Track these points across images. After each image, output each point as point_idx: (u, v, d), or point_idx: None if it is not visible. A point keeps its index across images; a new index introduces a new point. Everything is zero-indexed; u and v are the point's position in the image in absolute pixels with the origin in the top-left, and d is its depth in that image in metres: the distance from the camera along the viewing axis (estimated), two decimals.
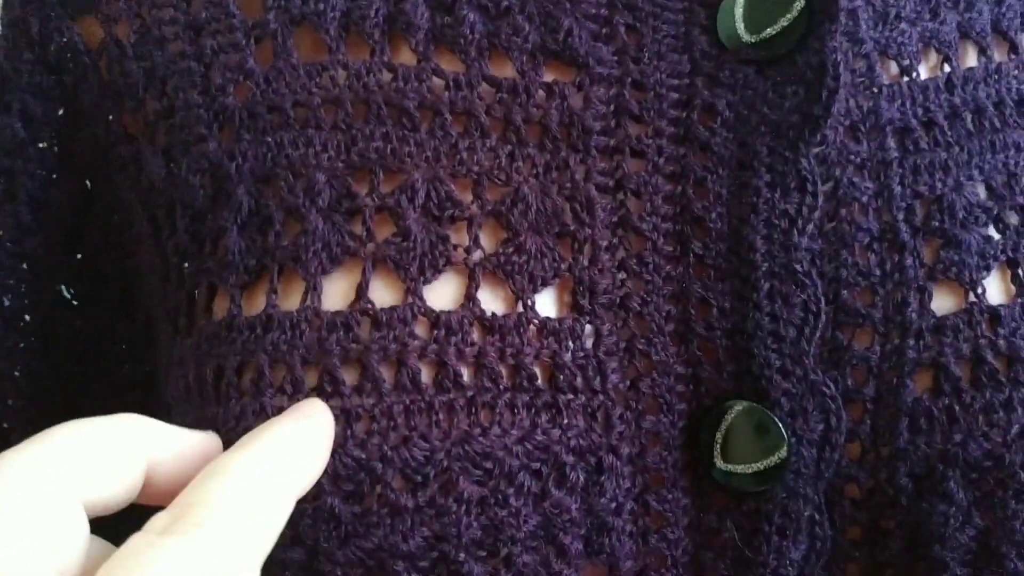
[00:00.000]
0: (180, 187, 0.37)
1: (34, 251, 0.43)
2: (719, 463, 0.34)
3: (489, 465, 0.31)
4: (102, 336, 0.45)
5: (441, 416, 0.31)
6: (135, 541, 0.25)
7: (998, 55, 0.38)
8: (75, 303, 0.45)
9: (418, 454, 0.31)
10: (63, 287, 0.45)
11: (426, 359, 0.32)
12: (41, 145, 0.42)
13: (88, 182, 0.43)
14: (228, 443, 0.32)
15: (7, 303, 0.43)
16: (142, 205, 0.39)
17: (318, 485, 0.31)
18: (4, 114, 0.41)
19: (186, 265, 0.37)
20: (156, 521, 0.25)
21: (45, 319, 0.44)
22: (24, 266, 0.43)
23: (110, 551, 0.25)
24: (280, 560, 0.32)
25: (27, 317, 0.44)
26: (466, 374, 0.32)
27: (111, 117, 0.40)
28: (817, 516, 0.34)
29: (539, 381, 0.32)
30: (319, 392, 0.32)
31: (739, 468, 0.34)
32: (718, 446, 0.34)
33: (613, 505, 0.33)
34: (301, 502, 0.31)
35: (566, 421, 0.32)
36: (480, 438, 0.31)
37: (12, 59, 0.41)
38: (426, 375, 0.32)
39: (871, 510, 0.34)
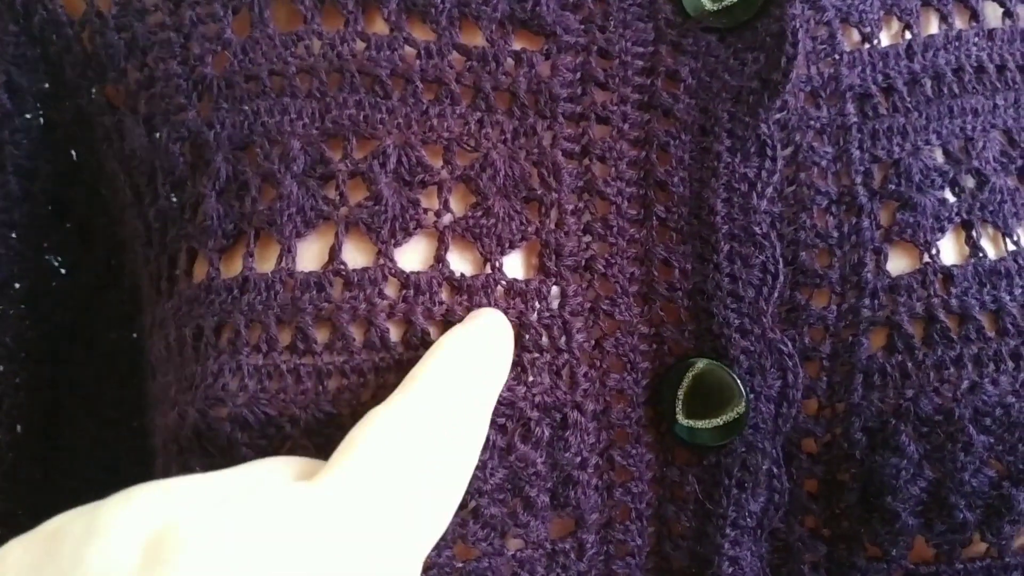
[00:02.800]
0: (161, 155, 0.38)
1: (22, 220, 0.44)
2: (681, 419, 0.35)
3: None
4: (89, 303, 0.46)
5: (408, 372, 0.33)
6: (376, 411, 0.29)
7: (959, 22, 0.39)
8: (63, 271, 0.46)
9: None
10: (51, 256, 0.46)
11: (395, 318, 0.33)
12: (27, 116, 0.43)
13: (74, 152, 0.44)
14: (207, 399, 0.33)
15: None
16: (125, 173, 0.40)
17: (292, 439, 0.32)
18: None
19: (167, 231, 0.38)
20: (397, 396, 0.29)
21: (33, 287, 0.45)
22: (12, 235, 0.44)
23: None
24: None
25: (16, 285, 0.45)
26: (433, 332, 0.33)
27: (94, 88, 0.41)
28: (775, 470, 0.35)
29: None
30: (292, 350, 0.33)
31: (700, 424, 0.35)
32: (680, 403, 0.35)
33: (578, 459, 0.34)
34: (275, 455, 0.32)
35: (531, 378, 0.33)
36: None
37: None
38: (395, 334, 0.33)
39: (827, 464, 0.35)
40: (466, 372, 0.30)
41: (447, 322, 0.33)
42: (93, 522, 0.24)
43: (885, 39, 0.38)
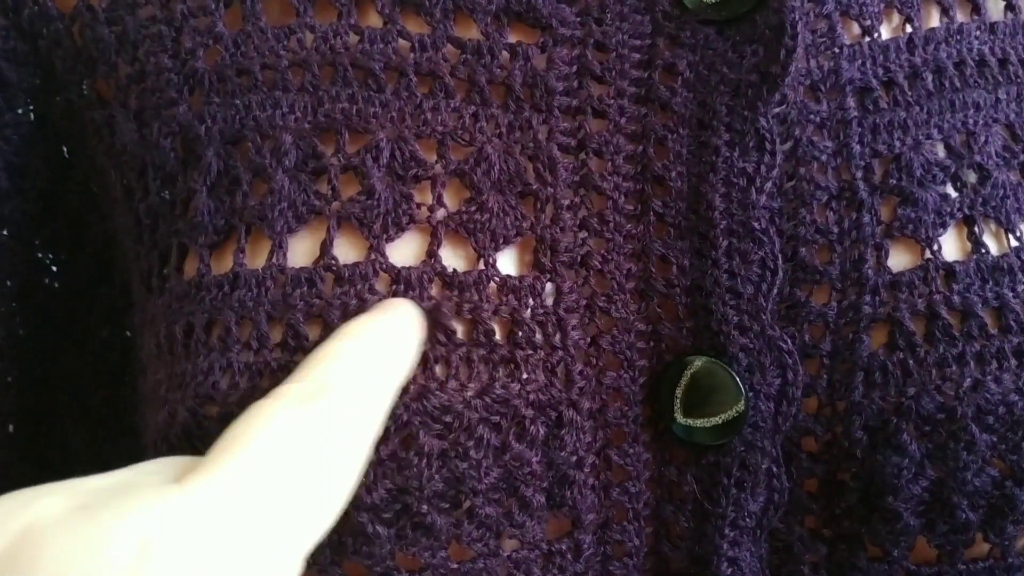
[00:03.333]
0: (151, 150, 0.37)
1: (12, 216, 0.43)
2: (679, 418, 0.34)
3: (448, 419, 0.32)
4: (81, 300, 0.46)
5: None
6: (265, 405, 0.27)
7: (960, 15, 0.38)
8: (54, 268, 0.46)
9: None
10: (42, 253, 0.45)
11: None
12: (17, 111, 0.42)
13: (64, 148, 0.43)
14: (197, 397, 0.33)
15: None
16: (115, 169, 0.40)
17: None
18: None
19: (158, 227, 0.38)
20: (287, 391, 0.28)
21: (24, 284, 0.45)
22: (3, 232, 0.44)
23: None
24: None
25: (7, 282, 0.45)
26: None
27: (84, 82, 0.40)
28: (775, 469, 0.35)
29: (497, 336, 0.33)
30: (283, 347, 0.32)
31: (699, 422, 0.34)
32: (678, 401, 0.34)
33: (574, 459, 0.34)
34: None
35: (525, 376, 0.33)
36: (437, 392, 0.32)
37: None
38: None
39: (827, 463, 0.35)
40: (365, 364, 0.29)
41: (435, 319, 0.33)
42: None
43: (886, 32, 0.37)
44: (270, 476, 0.25)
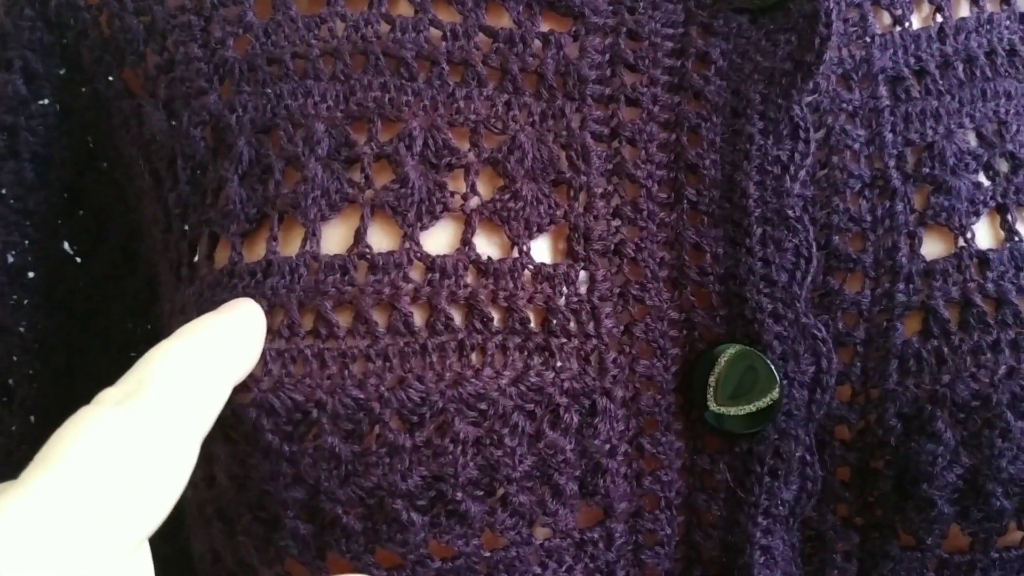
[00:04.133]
0: (181, 140, 0.37)
1: (37, 207, 0.43)
2: (712, 406, 0.34)
3: (483, 406, 0.32)
4: (105, 292, 0.46)
5: (435, 358, 0.32)
6: (84, 410, 0.27)
7: (990, 5, 0.38)
8: (78, 260, 0.46)
9: (414, 395, 0.31)
10: (66, 244, 0.45)
11: (419, 302, 0.32)
12: (43, 102, 0.42)
13: (90, 139, 0.43)
14: None
15: (11, 259, 0.44)
16: (143, 159, 0.40)
17: (318, 425, 0.31)
18: (5, 71, 0.41)
19: (188, 216, 0.38)
20: (106, 394, 0.28)
21: (49, 275, 0.45)
22: (28, 223, 0.44)
23: None
24: (282, 500, 0.32)
25: (31, 273, 0.45)
26: (457, 317, 0.33)
27: (112, 72, 0.40)
28: (808, 457, 0.35)
29: (532, 324, 0.33)
30: (315, 335, 0.32)
31: (732, 410, 0.34)
32: (711, 389, 0.34)
33: (607, 447, 0.34)
34: (301, 442, 0.32)
35: (559, 364, 0.33)
36: (473, 379, 0.32)
37: (13, 16, 0.41)
38: (419, 318, 0.32)
39: (861, 451, 0.35)
40: (187, 359, 0.29)
41: (471, 306, 0.33)
42: None
43: (916, 22, 0.37)
44: (86, 479, 0.25)
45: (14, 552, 0.23)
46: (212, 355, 0.30)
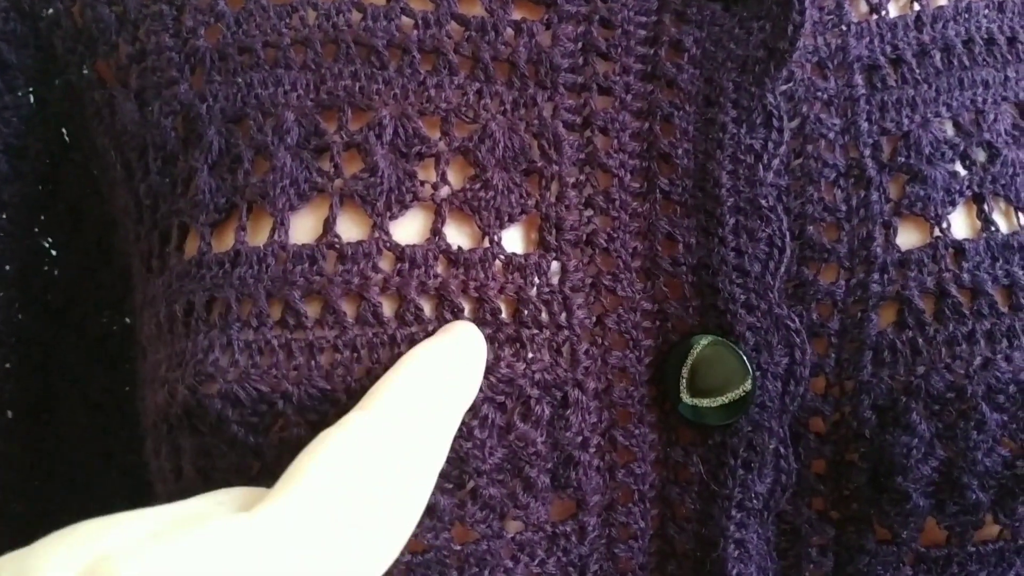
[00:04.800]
0: (152, 130, 0.37)
1: (12, 200, 0.43)
2: (686, 397, 0.34)
3: None
4: (80, 285, 0.45)
5: (403, 349, 0.31)
6: (329, 432, 0.27)
7: None
8: (53, 252, 0.45)
9: None
10: (41, 237, 0.45)
11: (388, 292, 0.32)
12: (17, 93, 0.42)
13: (64, 130, 0.43)
14: (197, 375, 0.32)
15: None
16: (115, 149, 0.39)
17: (284, 416, 0.31)
18: None
19: (159, 207, 0.37)
20: (352, 418, 0.28)
21: (24, 268, 0.44)
22: (2, 215, 0.43)
23: None
24: None
25: (6, 266, 0.44)
26: (427, 307, 0.32)
27: (85, 63, 0.40)
28: (782, 449, 0.34)
29: (503, 315, 0.33)
30: (283, 325, 0.32)
31: (705, 402, 0.34)
32: (684, 381, 0.34)
33: (579, 439, 0.33)
34: (267, 433, 0.31)
35: (530, 355, 0.33)
36: None
37: None
38: (388, 308, 0.32)
39: (835, 443, 0.34)
40: (431, 391, 0.29)
41: (441, 296, 0.32)
42: (23, 564, 0.23)
43: (893, 10, 0.37)
44: (335, 502, 0.25)
45: (270, 562, 0.23)
46: (444, 385, 0.30)
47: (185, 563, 0.23)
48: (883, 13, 0.36)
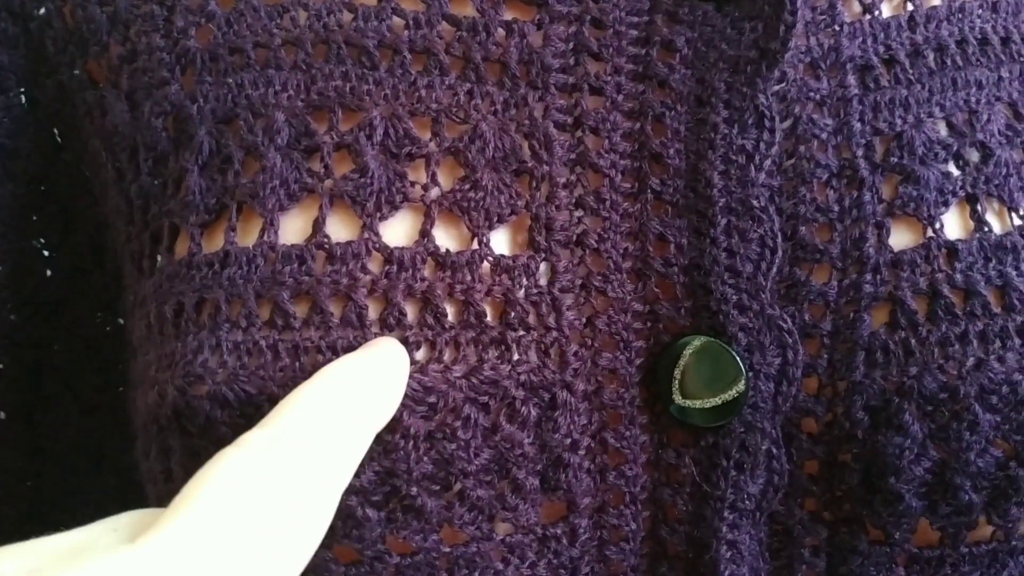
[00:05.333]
0: (143, 130, 0.37)
1: (3, 201, 0.43)
2: (677, 399, 0.34)
3: (432, 399, 0.31)
4: (73, 286, 0.45)
5: None
6: (225, 452, 0.26)
7: None
8: (46, 253, 0.45)
9: None
10: (34, 238, 0.45)
11: (375, 295, 0.32)
12: (8, 94, 0.42)
13: (56, 131, 0.43)
14: (186, 376, 0.32)
15: None
16: (106, 150, 0.39)
17: None
18: None
19: (149, 207, 0.37)
20: (247, 438, 0.26)
21: (16, 270, 0.44)
22: None
23: None
24: None
25: None
26: (411, 312, 0.32)
27: (76, 64, 0.40)
28: (775, 450, 0.34)
29: (488, 318, 0.32)
30: (271, 326, 0.32)
31: (697, 404, 0.34)
32: (676, 382, 0.34)
33: (568, 441, 0.33)
34: None
35: (516, 357, 0.32)
36: (417, 374, 0.31)
37: None
38: (373, 311, 0.32)
39: (828, 444, 0.34)
40: (339, 408, 0.28)
41: (426, 300, 0.32)
42: None
43: (887, 10, 0.37)
44: (227, 526, 0.24)
45: None
46: (355, 401, 0.29)
47: None
48: (876, 13, 0.36)
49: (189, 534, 0.23)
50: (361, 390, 0.29)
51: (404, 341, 0.32)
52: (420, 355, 0.32)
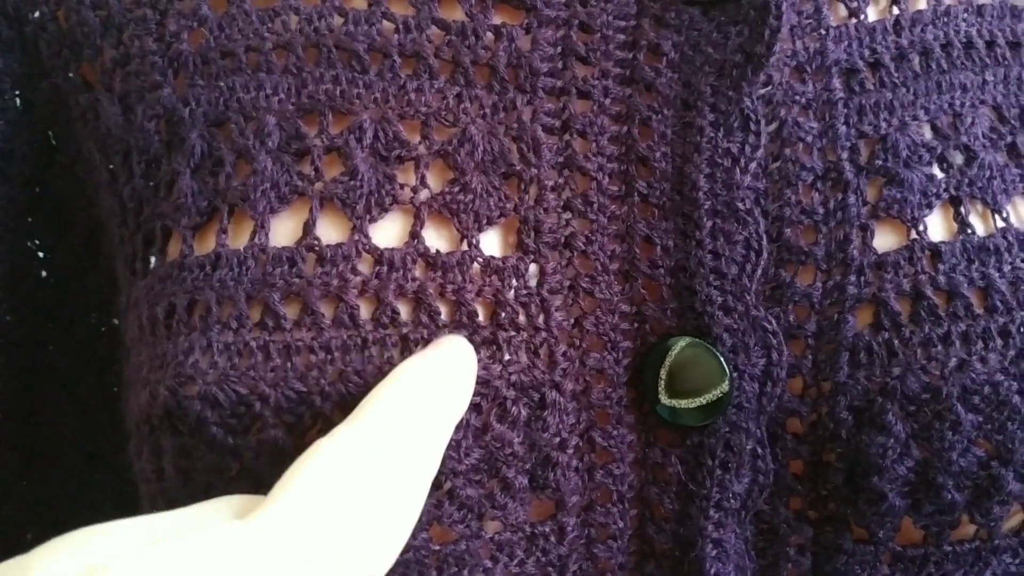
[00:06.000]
0: (136, 133, 0.37)
1: None
2: (664, 399, 0.34)
3: None
4: (68, 287, 0.46)
5: (374, 352, 0.32)
6: (320, 443, 0.27)
7: None
8: (41, 255, 0.45)
9: (353, 389, 0.31)
10: (29, 239, 0.45)
11: (366, 295, 0.32)
12: (3, 97, 0.42)
13: (51, 133, 0.43)
14: (177, 377, 0.33)
15: None
16: (100, 153, 0.40)
17: (262, 418, 0.31)
18: None
19: (142, 210, 0.38)
20: (340, 428, 0.28)
21: (11, 271, 0.45)
22: None
23: None
24: (228, 493, 0.32)
25: None
26: (404, 311, 0.32)
27: (70, 67, 0.40)
28: (759, 450, 0.34)
29: (479, 318, 0.33)
30: (262, 327, 0.32)
31: (683, 403, 0.34)
32: (662, 382, 0.34)
33: (557, 440, 0.34)
34: (246, 435, 0.32)
35: (507, 357, 0.33)
36: None
37: None
38: (365, 311, 0.32)
39: (813, 444, 0.35)
40: (420, 403, 0.29)
41: (418, 299, 0.32)
42: (21, 572, 0.23)
43: (872, 14, 0.37)
44: (329, 510, 0.25)
45: (263, 568, 0.23)
46: (432, 397, 0.30)
47: (180, 571, 0.23)
48: (862, 17, 0.37)
49: (295, 513, 0.25)
50: (437, 385, 0.30)
51: (402, 339, 0.32)
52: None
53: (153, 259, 0.37)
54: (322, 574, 0.25)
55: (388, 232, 0.33)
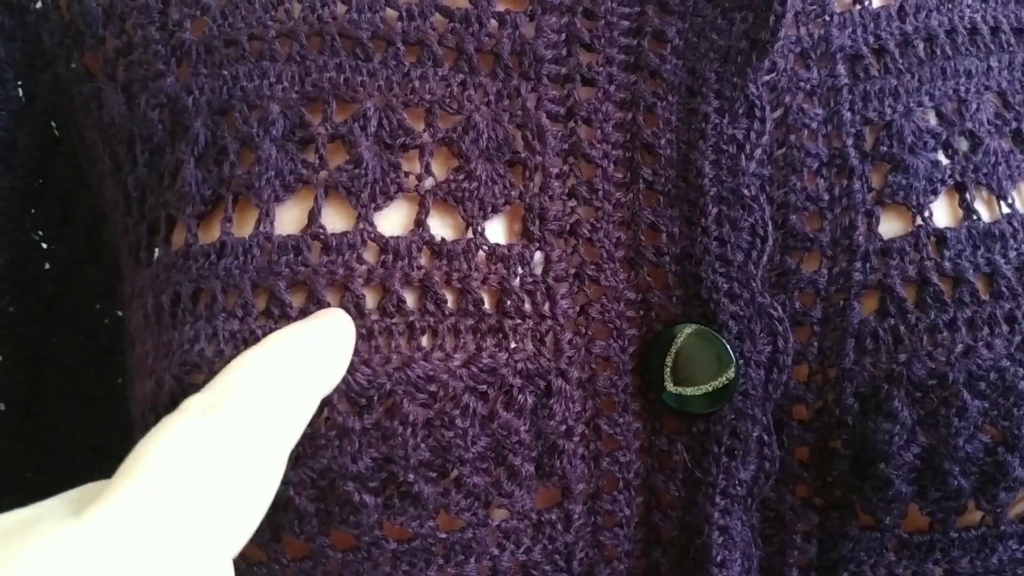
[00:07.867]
0: (139, 122, 0.37)
1: (2, 194, 0.43)
2: (669, 386, 0.34)
3: (433, 388, 0.31)
4: (72, 277, 0.46)
5: (381, 341, 0.32)
6: (169, 419, 0.26)
7: None
8: (44, 245, 0.45)
9: (361, 378, 0.31)
10: (32, 230, 0.45)
11: (371, 284, 0.32)
12: (6, 87, 0.42)
13: (53, 123, 0.43)
14: (183, 365, 0.33)
15: None
16: (103, 142, 0.39)
17: None
18: None
19: (146, 199, 0.37)
20: (191, 402, 0.26)
21: (15, 262, 0.45)
22: None
23: None
24: None
25: None
26: (410, 299, 0.32)
27: (72, 57, 0.40)
28: (765, 437, 0.34)
29: (486, 306, 0.33)
30: (267, 316, 0.32)
31: (689, 391, 0.34)
32: (668, 369, 0.34)
33: (563, 428, 0.34)
34: None
35: (513, 345, 0.33)
36: (422, 362, 0.31)
37: None
38: (371, 300, 0.32)
39: (818, 430, 0.35)
40: (279, 375, 0.28)
41: (424, 288, 0.32)
42: None
43: (877, 0, 0.37)
44: (170, 493, 0.24)
45: (100, 567, 0.22)
46: (299, 366, 0.29)
47: (8, 573, 0.22)
48: (866, 3, 0.37)
49: (133, 503, 0.23)
50: (306, 355, 0.29)
51: (409, 327, 0.32)
52: (424, 341, 0.32)
53: (157, 248, 0.37)
54: (167, 561, 0.23)
55: (393, 220, 0.33)
